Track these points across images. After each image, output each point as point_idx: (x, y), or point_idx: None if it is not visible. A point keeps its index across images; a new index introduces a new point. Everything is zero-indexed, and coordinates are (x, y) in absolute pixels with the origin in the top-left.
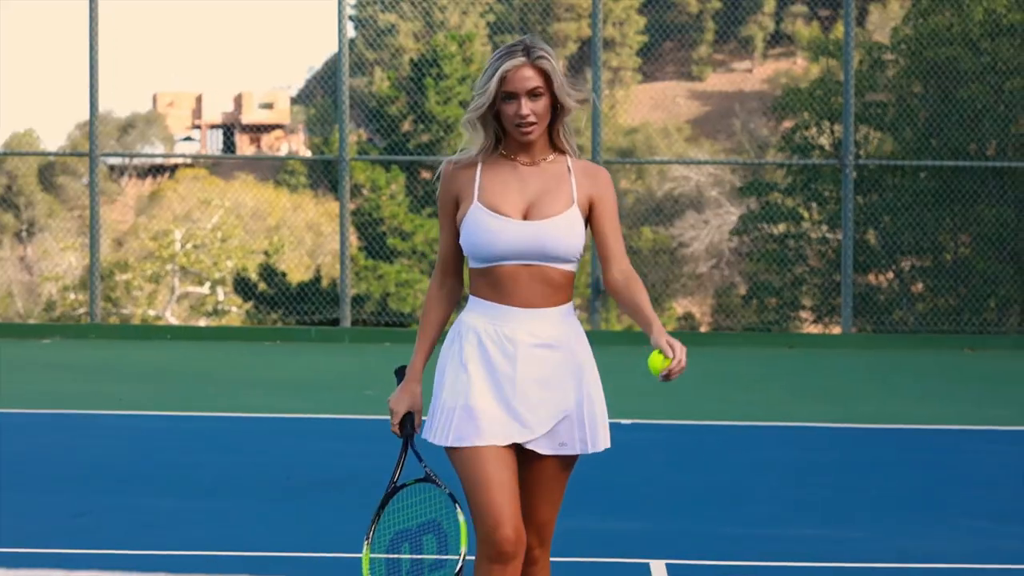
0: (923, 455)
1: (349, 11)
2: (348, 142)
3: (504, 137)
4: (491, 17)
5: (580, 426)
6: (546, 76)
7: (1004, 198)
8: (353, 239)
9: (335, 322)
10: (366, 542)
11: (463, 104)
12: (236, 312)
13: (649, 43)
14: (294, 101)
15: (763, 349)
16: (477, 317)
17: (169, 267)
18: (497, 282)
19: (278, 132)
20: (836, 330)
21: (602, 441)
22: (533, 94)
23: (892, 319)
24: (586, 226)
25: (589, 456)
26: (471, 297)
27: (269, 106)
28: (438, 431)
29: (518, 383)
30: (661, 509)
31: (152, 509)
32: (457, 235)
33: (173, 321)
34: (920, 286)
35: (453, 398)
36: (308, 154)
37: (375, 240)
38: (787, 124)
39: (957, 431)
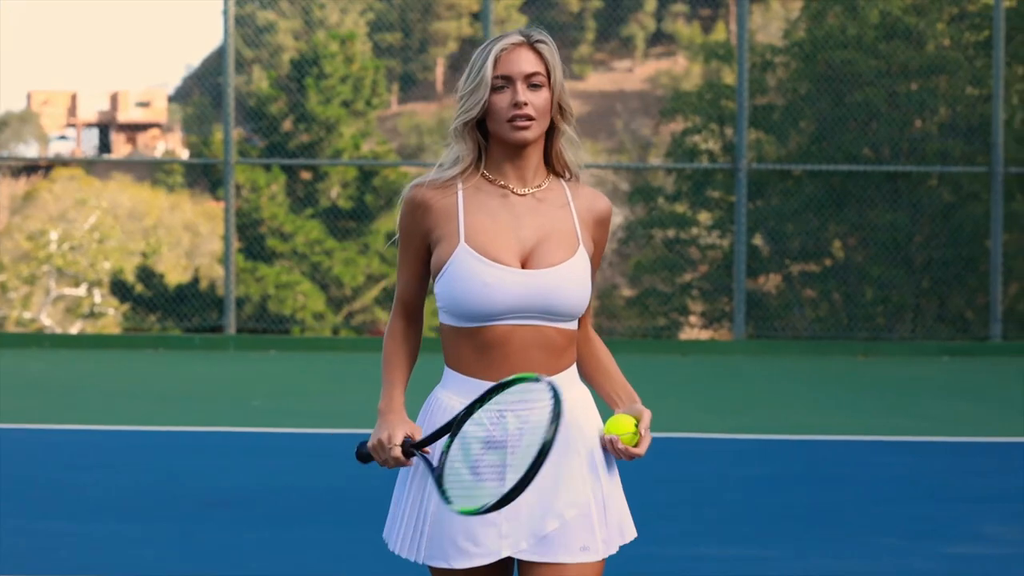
0: (826, 468)
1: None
2: (232, 144)
3: (486, 156)
4: (371, 16)
5: (603, 525)
6: (547, 66)
7: (898, 203)
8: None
9: (218, 329)
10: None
11: (345, 104)
12: (113, 315)
13: None
14: (171, 99)
15: (653, 356)
16: (457, 397)
17: (45, 268)
18: (485, 348)
19: (154, 131)
20: (726, 336)
21: (628, 532)
22: (532, 83)
23: (783, 325)
24: None
25: None
26: (447, 370)
27: (146, 104)
28: (404, 541)
29: None
30: None
31: (31, 532)
32: (423, 277)
33: (48, 323)
34: (811, 292)
35: (424, 500)
36: (186, 152)
37: (254, 241)
38: (673, 126)
39: (858, 442)
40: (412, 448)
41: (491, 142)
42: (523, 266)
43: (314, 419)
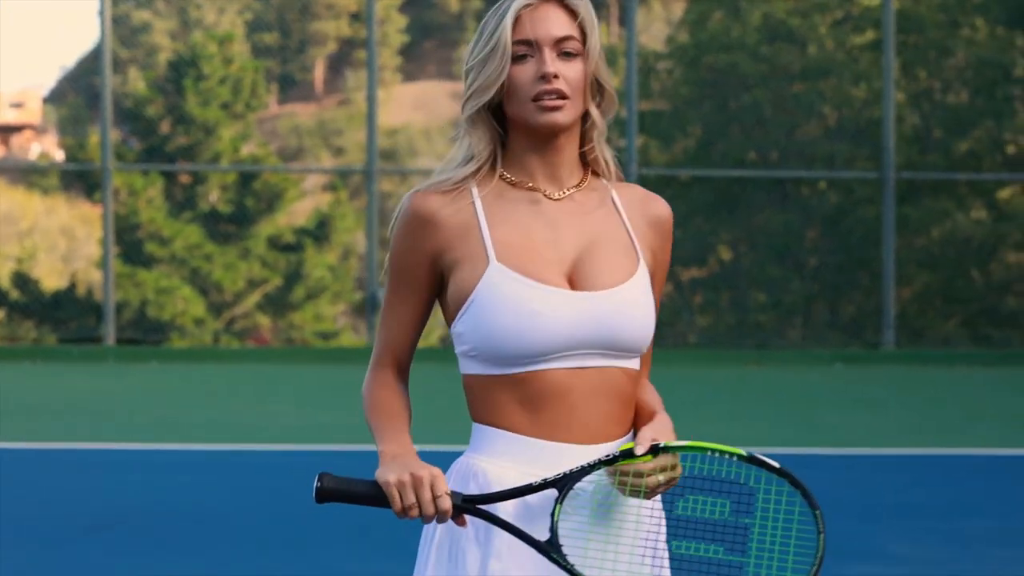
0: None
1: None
2: (109, 148)
3: (503, 151)
4: (248, 16)
5: None
6: (582, 29)
7: (787, 207)
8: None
9: (96, 338)
10: None
11: (224, 106)
12: None
13: (410, 42)
14: (46, 100)
15: None
16: (498, 465)
17: None
18: (539, 400)
19: (28, 132)
20: None
21: None
22: (564, 51)
23: (671, 332)
24: None
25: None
26: (481, 429)
27: (19, 105)
28: None
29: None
30: None
31: None
32: (423, 319)
33: None
34: (699, 298)
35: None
36: (61, 154)
37: (133, 246)
38: None
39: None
40: (468, 503)
41: (510, 132)
42: (569, 282)
43: (199, 433)
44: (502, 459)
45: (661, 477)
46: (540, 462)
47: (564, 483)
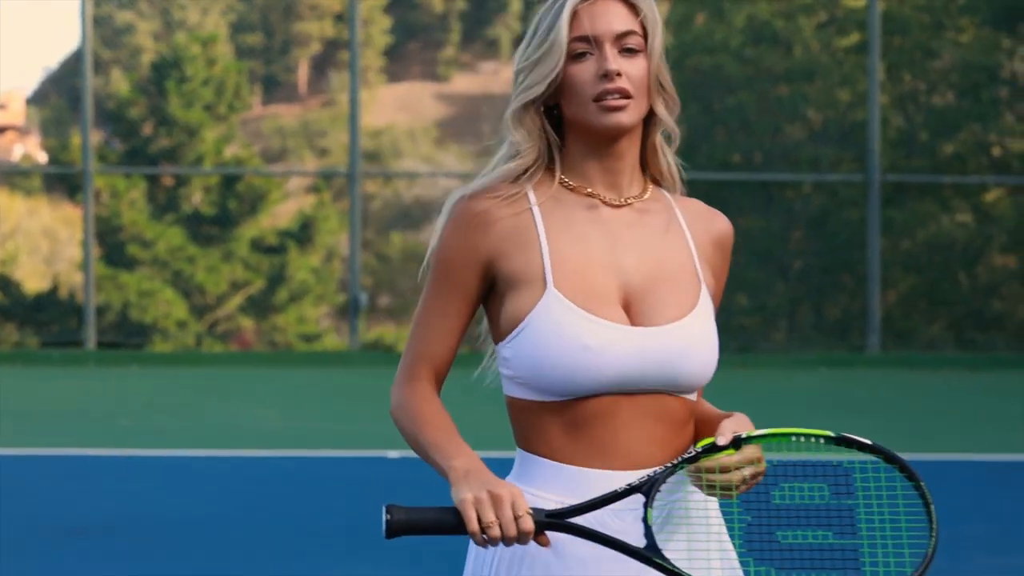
0: None
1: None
2: (91, 151)
3: (561, 155)
4: (232, 16)
5: None
6: (644, 24)
7: (772, 209)
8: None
9: (77, 342)
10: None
11: (207, 107)
12: None
13: (394, 43)
14: (29, 102)
15: None
16: (543, 493)
17: None
18: (581, 425)
19: (11, 134)
20: None
21: None
22: (626, 47)
23: None
24: None
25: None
26: (525, 456)
27: (3, 107)
28: None
29: None
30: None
31: None
32: (469, 319)
33: None
34: None
35: None
36: (44, 156)
37: (115, 248)
38: None
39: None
40: (553, 520)
41: (568, 135)
42: (627, 312)
43: (180, 439)
44: (536, 487)
45: (747, 471)
46: (578, 489)
47: (649, 486)
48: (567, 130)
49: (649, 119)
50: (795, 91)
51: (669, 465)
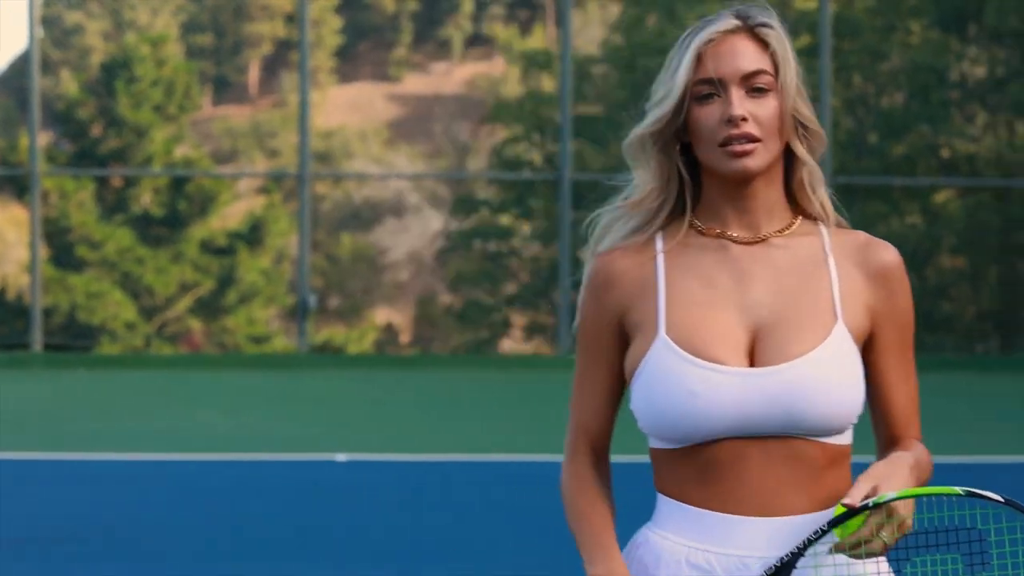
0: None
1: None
2: (38, 152)
3: (695, 194)
4: (183, 17)
5: None
6: (775, 61)
7: None
8: (40, 248)
9: (23, 345)
10: None
11: (157, 108)
12: None
13: (345, 44)
14: None
15: (472, 372)
16: (662, 536)
17: None
18: (709, 471)
19: None
20: (546, 350)
21: None
22: (754, 87)
23: None
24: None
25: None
26: (659, 497)
27: None
28: None
29: None
30: (396, 555)
31: None
32: (616, 392)
33: None
34: None
35: None
36: None
37: (63, 249)
38: (494, 133)
39: None
40: None
41: (703, 176)
42: (751, 356)
43: (127, 443)
44: (669, 531)
45: (885, 536)
46: (708, 535)
47: (784, 572)
48: (702, 171)
49: (789, 156)
50: None
51: (795, 550)
